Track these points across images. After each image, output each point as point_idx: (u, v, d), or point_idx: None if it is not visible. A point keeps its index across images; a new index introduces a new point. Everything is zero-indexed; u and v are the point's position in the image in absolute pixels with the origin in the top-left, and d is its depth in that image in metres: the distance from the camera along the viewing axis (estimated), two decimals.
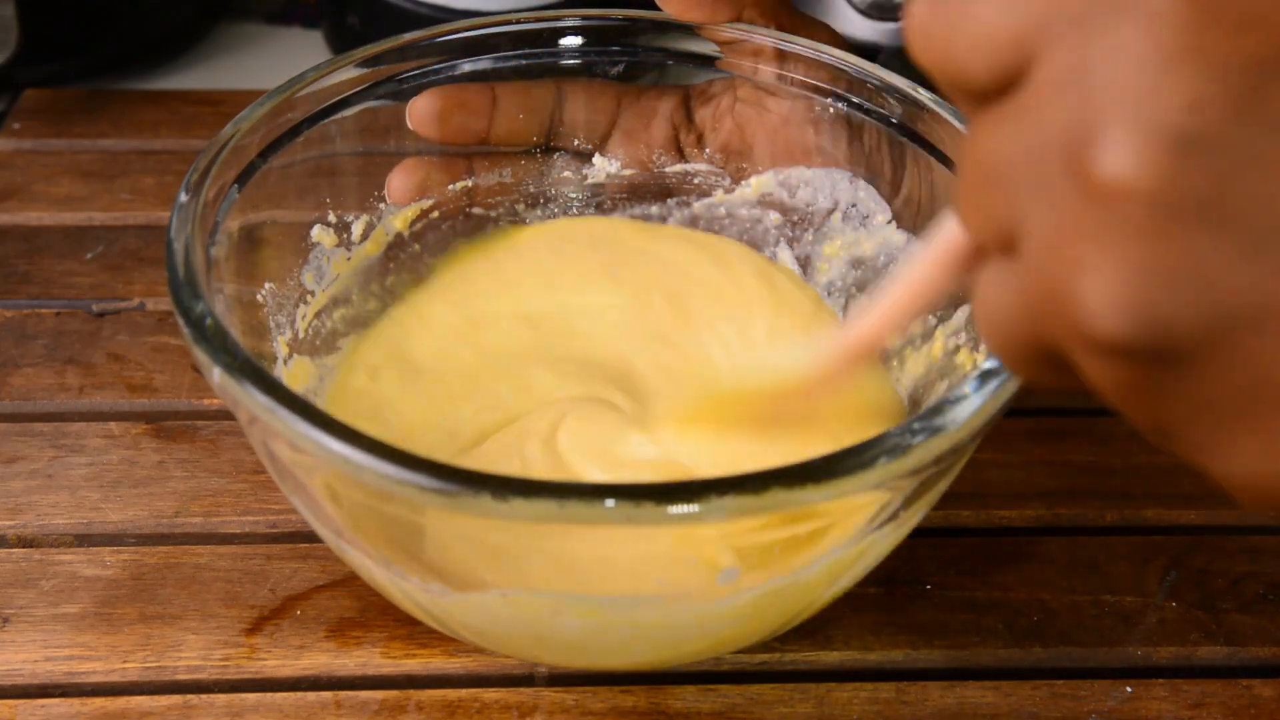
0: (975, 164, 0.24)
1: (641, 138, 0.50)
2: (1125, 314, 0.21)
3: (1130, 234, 0.21)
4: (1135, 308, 0.21)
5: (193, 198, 0.38)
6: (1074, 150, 0.21)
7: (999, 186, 0.23)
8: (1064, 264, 0.22)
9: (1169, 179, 0.21)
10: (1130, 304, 0.21)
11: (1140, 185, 0.21)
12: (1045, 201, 0.22)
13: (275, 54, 0.76)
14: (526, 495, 0.30)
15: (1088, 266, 0.22)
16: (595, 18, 0.49)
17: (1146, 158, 0.21)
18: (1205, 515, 0.48)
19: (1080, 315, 0.22)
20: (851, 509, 0.34)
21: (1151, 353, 0.22)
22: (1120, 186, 0.21)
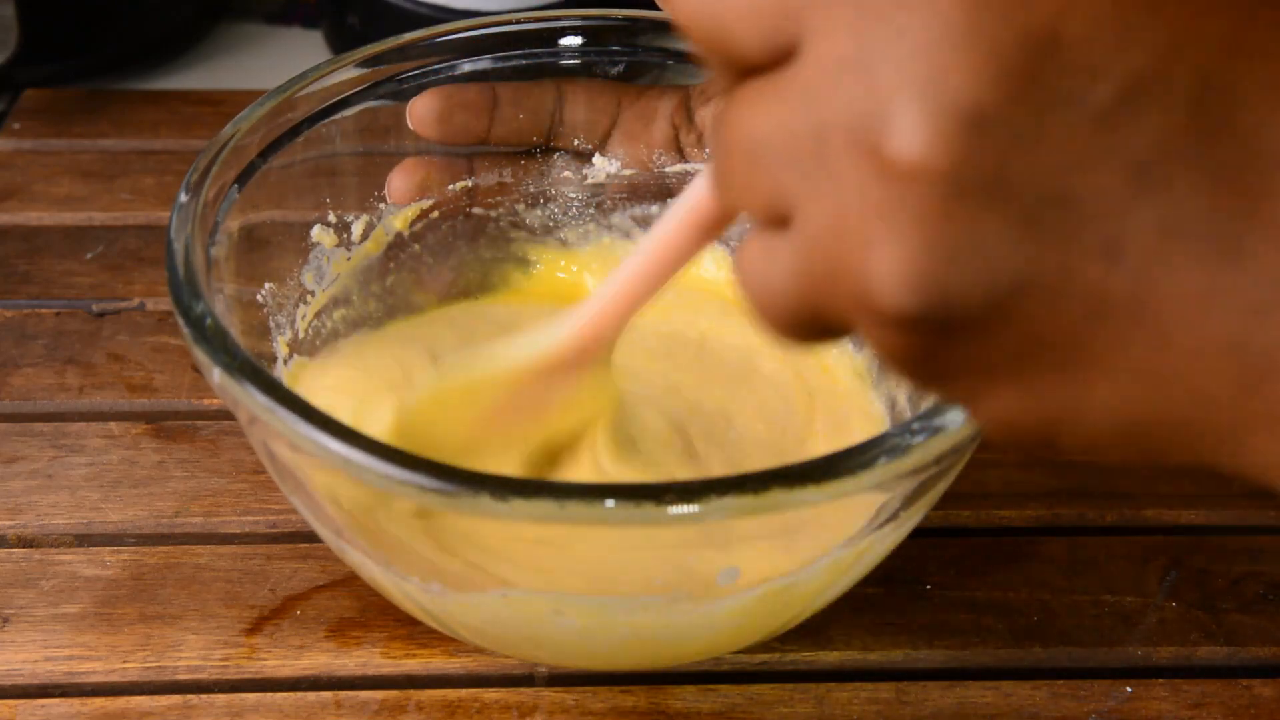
0: (740, 140, 0.24)
1: (642, 138, 0.50)
2: (911, 289, 0.22)
3: (917, 213, 0.22)
4: (921, 284, 0.22)
5: (193, 198, 0.38)
6: (860, 132, 0.22)
7: (768, 164, 0.23)
8: (848, 242, 0.23)
9: (957, 158, 0.21)
10: (916, 280, 0.22)
11: (930, 165, 0.21)
12: (825, 181, 0.23)
13: (275, 54, 0.76)
14: (526, 495, 0.30)
15: (874, 244, 0.22)
16: (595, 18, 0.49)
17: (936, 138, 0.21)
18: (1205, 515, 0.48)
19: (866, 290, 0.23)
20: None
21: (935, 323, 0.23)
22: (911, 167, 0.21)
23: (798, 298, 0.24)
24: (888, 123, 0.22)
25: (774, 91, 0.23)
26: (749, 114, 0.24)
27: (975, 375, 0.24)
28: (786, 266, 0.24)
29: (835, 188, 0.23)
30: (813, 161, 0.23)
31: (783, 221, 0.24)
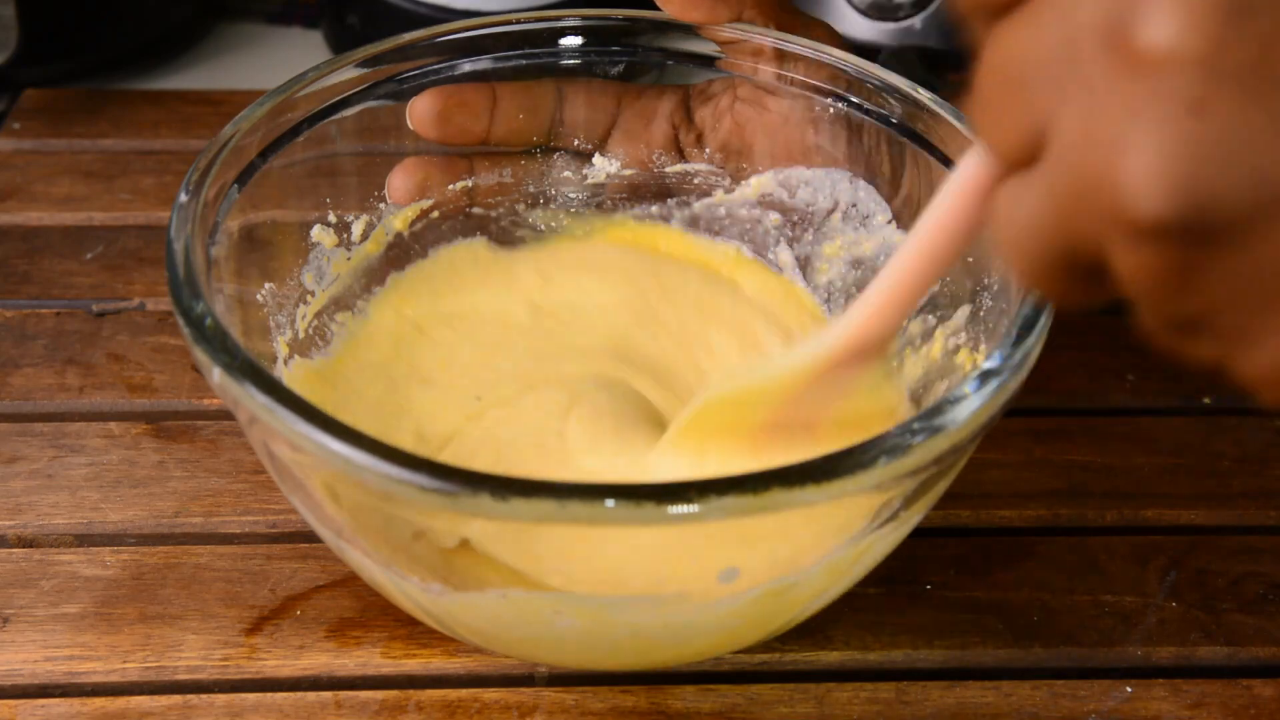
0: (994, 72, 0.23)
1: (641, 137, 0.50)
2: (1170, 191, 0.21)
3: (1174, 107, 0.21)
4: (1180, 184, 0.21)
5: (193, 198, 0.38)
6: (1112, 28, 0.21)
7: (1023, 88, 0.23)
8: (1101, 149, 0.21)
9: (1216, 44, 0.20)
10: (1175, 180, 0.21)
11: (1187, 51, 0.20)
12: (1078, 90, 0.22)
13: (275, 54, 0.76)
14: (526, 495, 0.30)
15: (1128, 146, 0.21)
16: (595, 18, 0.49)
17: (1193, 22, 0.20)
18: (1205, 515, 0.48)
19: (1121, 198, 0.21)
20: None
21: (1196, 231, 0.21)
22: (1166, 54, 0.20)
23: (1053, 229, 0.23)
24: (1140, 13, 0.21)
25: (1023, 17, 0.23)
26: (1003, 45, 0.23)
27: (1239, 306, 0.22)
28: (1040, 196, 0.23)
29: (1088, 95, 0.22)
30: (1065, 71, 0.22)
31: (1039, 151, 0.23)
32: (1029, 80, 0.23)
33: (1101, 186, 0.22)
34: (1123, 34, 0.21)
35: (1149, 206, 0.21)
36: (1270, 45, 0.20)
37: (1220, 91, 0.20)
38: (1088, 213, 0.22)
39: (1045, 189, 0.23)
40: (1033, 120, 0.23)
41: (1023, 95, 0.23)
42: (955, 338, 0.43)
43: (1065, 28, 0.22)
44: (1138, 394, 0.52)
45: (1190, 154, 0.21)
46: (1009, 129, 0.24)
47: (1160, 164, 0.21)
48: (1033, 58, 0.23)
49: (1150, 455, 0.50)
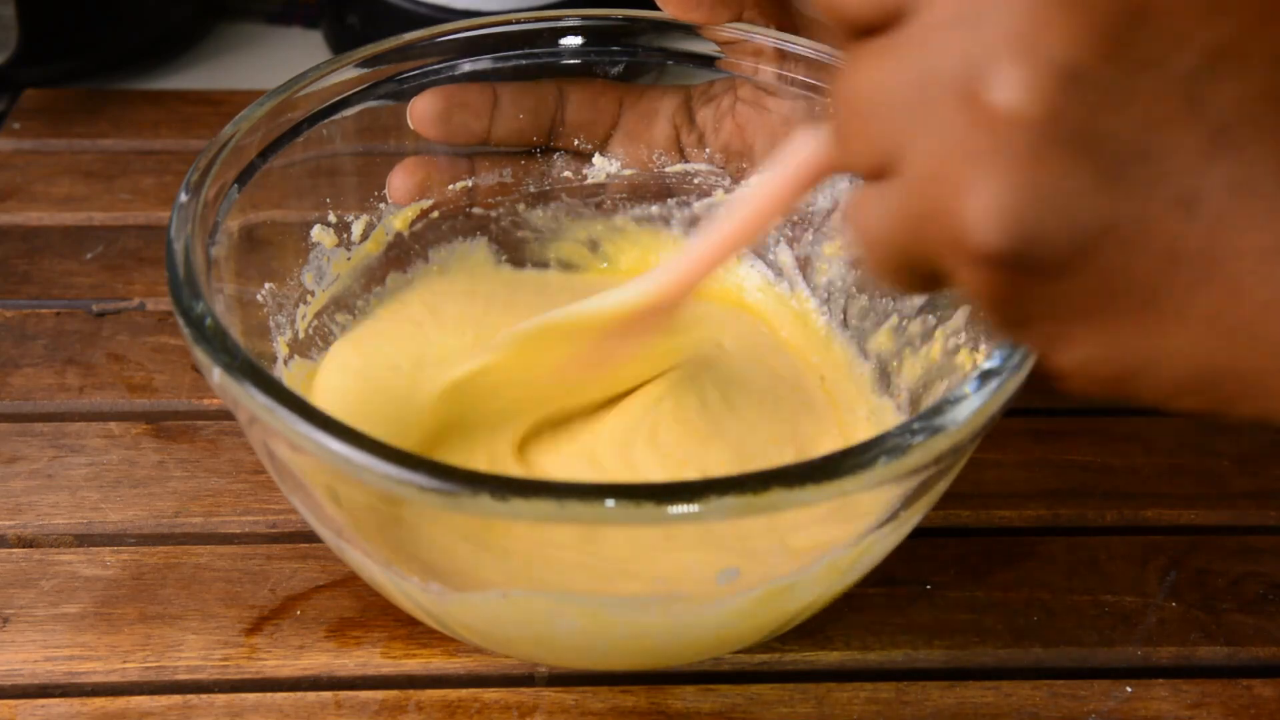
0: (856, 94, 0.26)
1: (642, 138, 0.50)
2: (1003, 229, 0.24)
3: (1012, 159, 0.24)
4: (1012, 224, 0.24)
5: (193, 198, 0.38)
6: (964, 82, 0.24)
7: (881, 116, 0.26)
8: (947, 185, 0.25)
9: (1052, 109, 0.23)
10: (1008, 220, 0.24)
11: (1027, 114, 0.23)
12: (930, 129, 0.25)
13: (275, 54, 0.76)
14: (526, 495, 0.30)
15: (971, 187, 0.24)
16: (595, 18, 0.49)
17: (1034, 90, 0.23)
18: (1205, 515, 0.48)
19: (961, 230, 0.25)
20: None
21: (1022, 263, 0.24)
22: (1009, 115, 0.23)
23: (900, 239, 0.26)
24: (990, 74, 0.24)
25: (887, 50, 0.25)
26: (864, 71, 0.26)
27: (1057, 318, 0.26)
28: (891, 210, 0.26)
29: (939, 134, 0.25)
30: (920, 110, 0.25)
31: (889, 171, 0.26)
32: (887, 109, 0.25)
33: (945, 216, 0.25)
34: (974, 89, 0.24)
35: (985, 239, 0.24)
36: (1096, 111, 0.23)
37: (1051, 149, 0.24)
38: (931, 234, 0.25)
39: (895, 205, 0.26)
40: (885, 144, 0.26)
41: (874, 123, 0.26)
42: (955, 338, 0.43)
43: (923, 69, 0.25)
44: None
45: (1021, 200, 0.24)
46: (863, 147, 0.26)
47: (996, 205, 0.24)
48: (890, 89, 0.25)
49: (1150, 455, 0.50)
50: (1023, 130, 0.23)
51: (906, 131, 0.25)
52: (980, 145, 0.24)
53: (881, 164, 0.26)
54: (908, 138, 0.25)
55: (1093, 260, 0.24)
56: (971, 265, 0.25)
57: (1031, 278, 0.25)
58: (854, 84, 0.26)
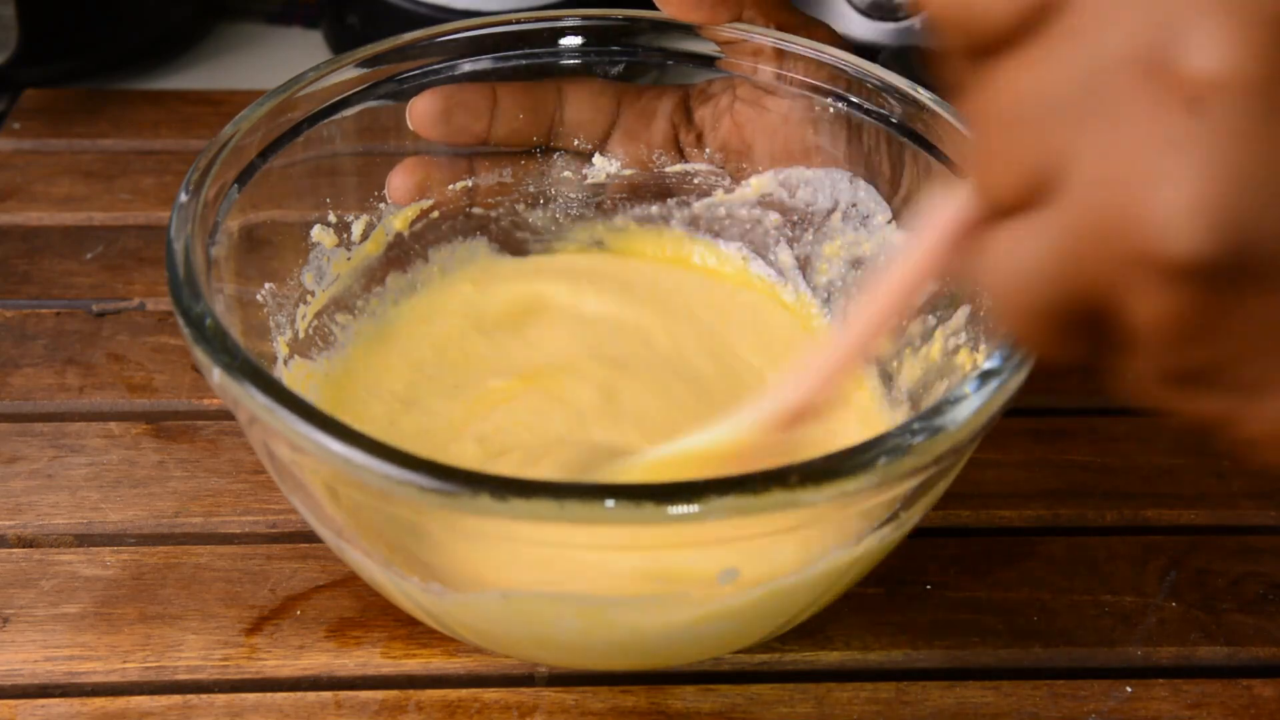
0: (1001, 111, 0.22)
1: (642, 137, 0.50)
2: (1210, 226, 0.19)
3: (1218, 136, 0.19)
4: (1223, 218, 0.19)
5: (193, 198, 0.38)
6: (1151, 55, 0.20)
7: (1032, 128, 0.21)
8: (1131, 185, 0.20)
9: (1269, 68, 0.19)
10: (1217, 214, 0.19)
11: (1237, 78, 0.19)
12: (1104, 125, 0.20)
13: (275, 54, 0.76)
14: (526, 495, 0.30)
15: (1165, 180, 0.19)
16: (595, 18, 0.49)
17: (1245, 46, 0.19)
18: (1205, 515, 0.48)
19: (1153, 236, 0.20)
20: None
21: (1233, 271, 0.19)
22: (1215, 81, 0.19)
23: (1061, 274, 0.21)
24: (1183, 40, 0.19)
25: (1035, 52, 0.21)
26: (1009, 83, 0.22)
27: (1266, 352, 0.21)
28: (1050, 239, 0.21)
29: (1115, 129, 0.20)
30: (1088, 107, 0.20)
31: (1046, 194, 0.21)
32: (1039, 119, 0.21)
33: (1128, 225, 0.20)
34: (1163, 61, 0.20)
35: (1185, 243, 0.19)
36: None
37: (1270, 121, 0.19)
38: (1108, 256, 0.21)
39: (1055, 233, 0.21)
40: (1041, 162, 0.21)
41: (1032, 135, 0.21)
42: (955, 338, 0.43)
43: (1086, 60, 0.21)
44: None
45: (1235, 187, 0.19)
46: (1013, 172, 0.22)
47: (1201, 197, 0.19)
48: (1044, 95, 0.21)
49: (1150, 455, 0.50)
50: (1228, 98, 0.19)
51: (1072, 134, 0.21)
52: (1171, 128, 0.19)
53: (1038, 186, 0.21)
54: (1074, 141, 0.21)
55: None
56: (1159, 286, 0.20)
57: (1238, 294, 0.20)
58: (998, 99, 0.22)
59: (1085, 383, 0.53)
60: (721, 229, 0.51)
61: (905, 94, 0.44)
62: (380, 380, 0.46)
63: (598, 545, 0.35)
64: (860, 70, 0.46)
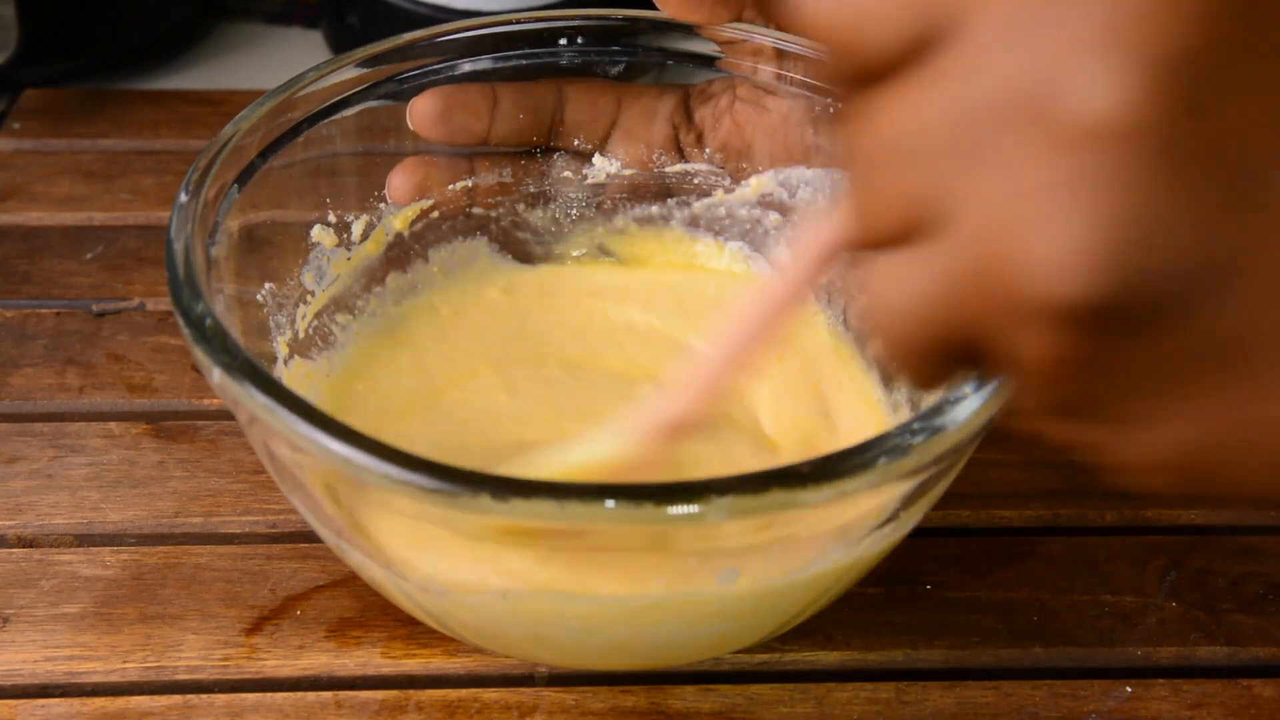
0: (881, 146, 0.21)
1: (642, 137, 0.50)
2: (1088, 275, 0.19)
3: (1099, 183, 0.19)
4: (1100, 266, 0.19)
5: (193, 198, 0.38)
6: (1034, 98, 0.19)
7: (913, 164, 0.21)
8: (1015, 228, 0.19)
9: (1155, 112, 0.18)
10: (1094, 263, 0.19)
11: (1120, 120, 0.18)
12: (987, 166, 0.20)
13: (275, 54, 0.76)
14: (525, 495, 0.30)
15: (1045, 226, 0.19)
16: (595, 18, 0.49)
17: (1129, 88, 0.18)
18: (1205, 515, 0.48)
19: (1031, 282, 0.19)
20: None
21: (1110, 317, 0.19)
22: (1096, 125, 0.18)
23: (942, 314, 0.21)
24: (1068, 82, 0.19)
25: (918, 85, 0.21)
26: (890, 116, 0.21)
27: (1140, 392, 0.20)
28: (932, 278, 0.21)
29: (998, 172, 0.19)
30: (971, 148, 0.20)
31: (927, 231, 0.21)
32: (921, 156, 0.20)
33: (1009, 269, 0.20)
34: (1046, 104, 0.19)
35: (1062, 291, 0.19)
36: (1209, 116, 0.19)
37: (1152, 165, 0.19)
38: (989, 298, 0.20)
39: (936, 272, 0.21)
40: (922, 199, 0.21)
41: (912, 175, 0.21)
42: None
43: (968, 100, 0.20)
44: None
45: (1113, 235, 0.19)
46: (893, 208, 0.21)
47: (1080, 245, 0.19)
48: (927, 131, 0.20)
49: None
50: (1112, 143, 0.18)
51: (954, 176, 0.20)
52: (1055, 173, 0.19)
53: (918, 223, 0.21)
54: (956, 183, 0.20)
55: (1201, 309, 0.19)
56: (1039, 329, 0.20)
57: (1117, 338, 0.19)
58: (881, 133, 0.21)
59: None
60: (721, 229, 0.51)
61: None
62: (381, 380, 0.46)
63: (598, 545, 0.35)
64: None
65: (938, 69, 0.20)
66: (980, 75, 0.20)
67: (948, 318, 0.21)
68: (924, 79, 0.20)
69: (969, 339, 0.21)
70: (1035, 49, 0.19)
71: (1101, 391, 0.21)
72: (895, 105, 0.21)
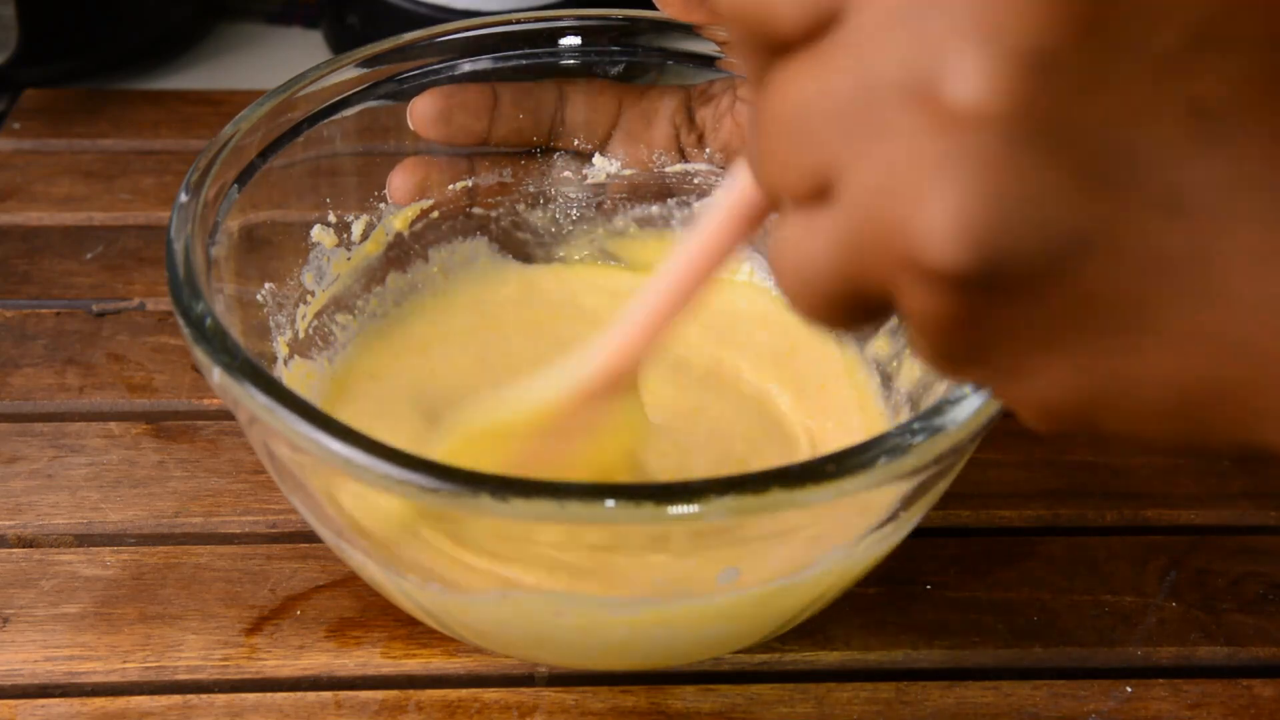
0: (782, 114, 0.23)
1: (642, 138, 0.50)
2: (966, 243, 0.21)
3: (972, 161, 0.21)
4: (976, 236, 0.21)
5: (193, 198, 0.38)
6: (915, 82, 0.21)
7: (813, 133, 0.23)
8: (898, 199, 0.22)
9: (1018, 103, 0.20)
10: (971, 233, 0.21)
11: (990, 109, 0.20)
12: (874, 140, 0.22)
13: (275, 54, 0.76)
14: (526, 495, 0.30)
15: (927, 198, 0.21)
16: (595, 18, 0.49)
17: (997, 81, 0.20)
18: (1205, 515, 0.48)
19: (916, 247, 0.21)
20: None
21: (987, 281, 0.21)
22: (969, 112, 0.21)
23: (840, 271, 0.23)
24: (946, 68, 0.21)
25: (817, 59, 0.22)
26: (791, 87, 0.23)
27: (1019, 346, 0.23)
28: (828, 239, 0.23)
29: (886, 145, 0.22)
30: (862, 121, 0.22)
31: (823, 195, 0.23)
32: (816, 128, 0.22)
33: (896, 234, 0.22)
34: (926, 88, 0.21)
35: (943, 257, 0.21)
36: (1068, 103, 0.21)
37: (1018, 148, 0.21)
38: (878, 258, 0.22)
39: (832, 233, 0.23)
40: (818, 167, 0.23)
41: (808, 142, 0.23)
42: None
43: (859, 77, 0.22)
44: None
45: (986, 208, 0.21)
46: (791, 174, 0.23)
47: (958, 217, 0.21)
48: (821, 105, 0.22)
49: (1150, 455, 0.50)
50: (984, 128, 0.21)
51: (846, 145, 0.22)
52: (935, 149, 0.21)
53: (815, 188, 0.23)
54: (848, 152, 0.22)
55: (1067, 275, 0.21)
56: (925, 289, 0.22)
57: (994, 299, 0.22)
58: (781, 102, 0.23)
59: None
60: None
61: None
62: (381, 380, 0.46)
63: (598, 545, 0.35)
64: None
65: (835, 45, 0.22)
66: (870, 54, 0.22)
67: (843, 274, 0.23)
68: (822, 54, 0.22)
69: (861, 294, 0.24)
70: (919, 32, 0.21)
71: (983, 344, 0.23)
72: (795, 77, 0.23)
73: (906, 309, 0.23)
